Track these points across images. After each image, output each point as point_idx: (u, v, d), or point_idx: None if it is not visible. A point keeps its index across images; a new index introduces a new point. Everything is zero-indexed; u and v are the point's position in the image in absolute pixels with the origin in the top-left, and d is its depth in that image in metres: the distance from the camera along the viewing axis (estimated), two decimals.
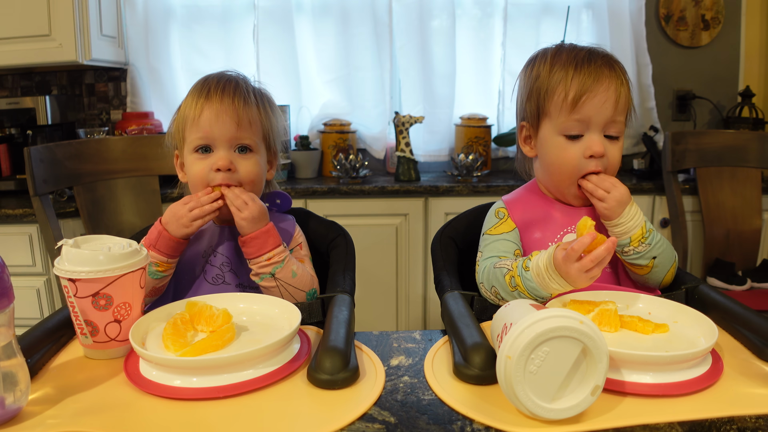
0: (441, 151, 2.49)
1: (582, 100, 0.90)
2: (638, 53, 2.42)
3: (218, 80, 0.96)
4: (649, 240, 0.91)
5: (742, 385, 0.67)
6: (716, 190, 2.11)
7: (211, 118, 0.92)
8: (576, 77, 0.90)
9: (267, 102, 1.00)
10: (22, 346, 0.66)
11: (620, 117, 0.92)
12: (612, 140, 0.93)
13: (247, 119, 0.94)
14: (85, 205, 1.73)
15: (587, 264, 0.77)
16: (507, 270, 0.87)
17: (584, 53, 0.92)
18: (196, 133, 0.94)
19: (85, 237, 0.80)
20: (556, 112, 0.93)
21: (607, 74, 0.91)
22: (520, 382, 0.58)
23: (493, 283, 0.90)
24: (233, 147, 0.95)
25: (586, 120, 0.91)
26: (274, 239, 0.92)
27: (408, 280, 2.19)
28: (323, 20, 2.40)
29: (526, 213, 0.99)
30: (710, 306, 0.85)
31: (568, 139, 0.93)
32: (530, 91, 0.96)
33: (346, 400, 0.65)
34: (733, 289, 1.98)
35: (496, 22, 2.43)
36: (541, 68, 0.94)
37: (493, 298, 0.91)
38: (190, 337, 0.75)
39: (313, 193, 2.12)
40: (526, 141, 1.01)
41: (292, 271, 0.93)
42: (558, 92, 0.92)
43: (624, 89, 0.92)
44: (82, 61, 2.10)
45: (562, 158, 0.93)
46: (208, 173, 0.94)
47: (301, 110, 2.46)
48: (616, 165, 0.95)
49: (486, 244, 0.98)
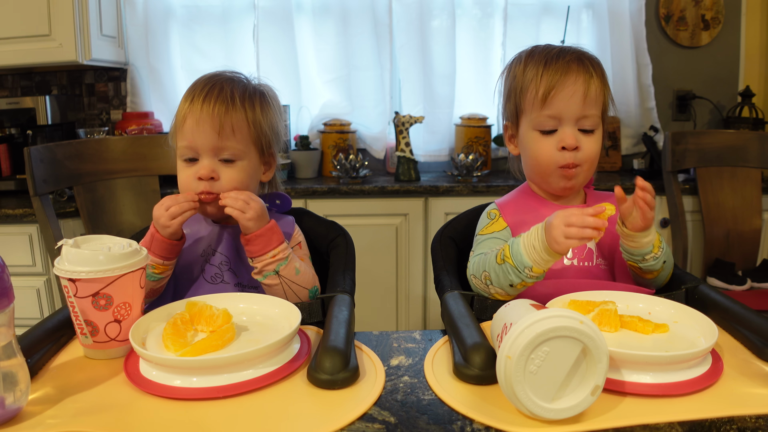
0: (441, 151, 2.49)
1: (551, 95, 0.93)
2: (638, 53, 2.42)
3: (204, 84, 0.94)
4: (663, 244, 0.92)
5: (742, 385, 0.67)
6: (716, 190, 2.11)
7: (193, 126, 0.92)
8: (545, 74, 0.93)
9: (260, 103, 0.96)
10: (22, 346, 0.66)
11: (592, 110, 0.94)
12: (587, 133, 0.95)
13: (230, 126, 0.92)
14: (85, 205, 1.73)
15: (573, 220, 0.79)
16: (497, 250, 0.90)
17: (555, 51, 0.95)
18: (181, 140, 0.94)
19: (85, 237, 0.80)
20: (530, 108, 0.96)
21: (575, 69, 0.93)
22: (520, 382, 0.58)
23: (484, 268, 0.91)
24: (217, 155, 0.94)
25: (557, 115, 0.94)
26: (278, 236, 0.92)
27: (408, 280, 2.19)
28: (323, 20, 2.40)
29: (517, 213, 1.00)
30: (710, 306, 0.85)
31: (542, 134, 0.96)
32: (508, 91, 1.00)
33: (346, 400, 0.65)
34: (733, 289, 1.98)
35: (496, 22, 2.43)
36: (517, 69, 0.98)
37: (482, 286, 0.92)
38: (190, 337, 0.75)
39: (313, 193, 2.12)
40: (511, 140, 1.05)
41: (295, 268, 0.93)
42: (530, 90, 0.95)
43: (594, 82, 0.93)
44: (82, 61, 2.10)
45: (538, 151, 0.96)
46: (192, 182, 0.94)
47: (301, 110, 2.46)
48: (594, 157, 0.96)
49: (478, 243, 1.00)
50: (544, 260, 0.84)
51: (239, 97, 0.94)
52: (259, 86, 0.99)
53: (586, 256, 0.97)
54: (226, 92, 0.93)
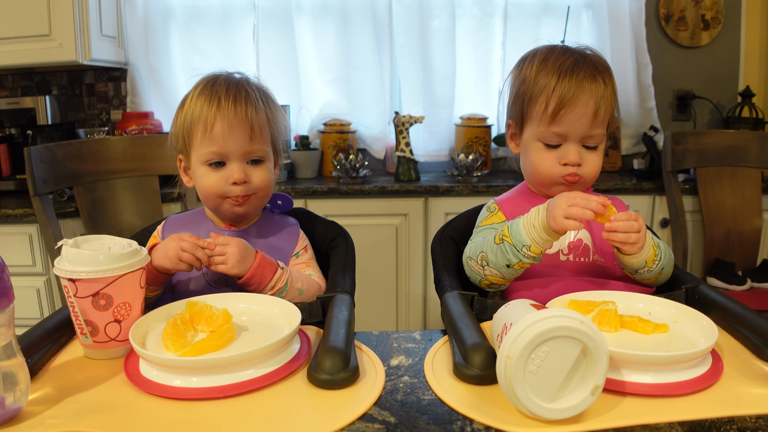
0: (441, 151, 2.49)
1: (561, 114, 0.92)
2: (638, 53, 2.42)
3: (227, 86, 0.92)
4: (659, 256, 0.91)
5: (742, 385, 0.67)
6: (716, 190, 2.11)
7: (225, 131, 0.91)
8: (557, 89, 0.91)
9: (271, 102, 0.98)
10: (22, 346, 0.66)
11: (598, 130, 0.93)
12: (590, 149, 0.95)
13: (259, 129, 0.93)
14: (85, 205, 1.73)
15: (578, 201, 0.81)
16: (497, 231, 0.90)
17: (570, 62, 0.92)
18: (208, 146, 0.92)
19: (85, 237, 0.80)
20: (537, 120, 0.95)
21: (587, 88, 0.91)
22: (520, 382, 0.58)
23: (481, 249, 0.91)
24: (246, 159, 0.94)
25: (564, 133, 0.93)
26: (269, 268, 0.90)
27: (408, 280, 2.19)
28: (323, 20, 2.40)
29: (516, 210, 1.00)
30: (710, 306, 0.85)
31: (546, 146, 0.95)
32: (516, 93, 0.99)
33: (346, 400, 0.65)
34: (733, 289, 1.98)
35: (496, 22, 2.43)
36: (528, 72, 0.96)
37: (478, 268, 0.92)
38: (190, 337, 0.75)
39: (313, 193, 2.12)
40: (512, 138, 1.04)
41: (297, 290, 0.94)
42: (540, 102, 0.93)
43: (605, 101, 0.92)
44: (82, 61, 2.10)
45: (539, 163, 0.96)
46: (223, 186, 0.93)
47: (301, 110, 2.46)
48: (594, 173, 0.96)
49: (476, 233, 1.02)
50: (542, 239, 0.85)
51: (260, 98, 0.94)
52: (261, 85, 0.99)
53: (582, 252, 0.97)
54: (252, 94, 0.93)
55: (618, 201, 1.02)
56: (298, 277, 0.95)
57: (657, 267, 0.91)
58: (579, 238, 0.97)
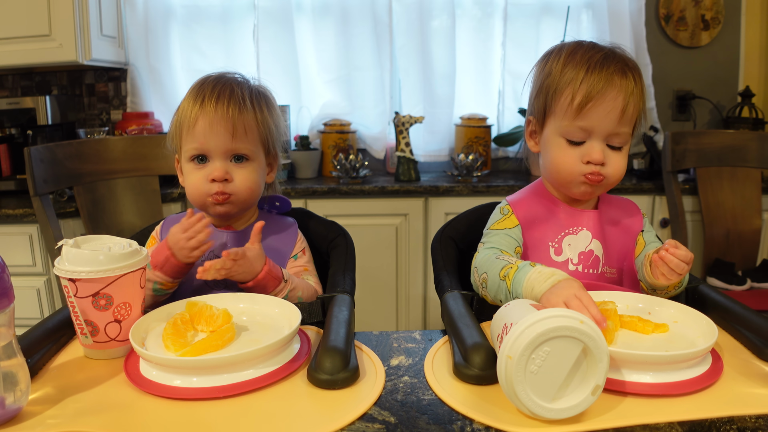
0: (441, 151, 2.49)
1: (587, 107, 0.87)
2: (638, 53, 2.42)
3: (214, 86, 0.93)
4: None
5: (742, 385, 0.67)
6: (716, 190, 2.11)
7: (206, 127, 0.91)
8: (585, 81, 0.87)
9: (265, 104, 0.97)
10: (22, 346, 0.66)
11: (624, 128, 0.89)
12: (614, 150, 0.91)
13: (243, 128, 0.92)
14: (85, 205, 1.73)
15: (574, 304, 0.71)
16: (508, 263, 0.86)
17: (600, 56, 0.89)
18: (191, 142, 0.93)
19: (85, 237, 0.80)
20: (561, 113, 0.91)
21: (617, 83, 0.87)
22: (520, 382, 0.58)
23: (486, 270, 0.88)
24: (229, 156, 0.94)
25: (589, 128, 0.89)
26: (273, 282, 0.91)
27: (408, 280, 2.19)
28: (323, 20, 2.40)
29: (530, 211, 0.97)
30: (710, 306, 0.85)
31: (568, 143, 0.91)
32: (540, 86, 0.94)
33: (346, 400, 0.65)
34: (733, 289, 1.98)
35: (496, 22, 2.43)
36: (554, 65, 0.92)
37: (478, 282, 0.90)
38: (190, 337, 0.75)
39: (313, 193, 2.12)
40: (532, 136, 1.00)
41: (297, 298, 0.94)
42: (566, 94, 0.89)
43: (634, 99, 0.88)
44: (82, 61, 2.10)
45: (561, 160, 0.92)
46: (204, 183, 0.93)
47: (301, 110, 2.46)
48: (619, 174, 0.92)
49: (488, 236, 0.97)
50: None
51: (249, 98, 0.94)
52: (259, 87, 0.99)
53: (592, 263, 0.94)
54: (237, 93, 0.93)
55: (630, 203, 1.00)
56: (299, 286, 0.95)
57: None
58: (590, 249, 0.94)
